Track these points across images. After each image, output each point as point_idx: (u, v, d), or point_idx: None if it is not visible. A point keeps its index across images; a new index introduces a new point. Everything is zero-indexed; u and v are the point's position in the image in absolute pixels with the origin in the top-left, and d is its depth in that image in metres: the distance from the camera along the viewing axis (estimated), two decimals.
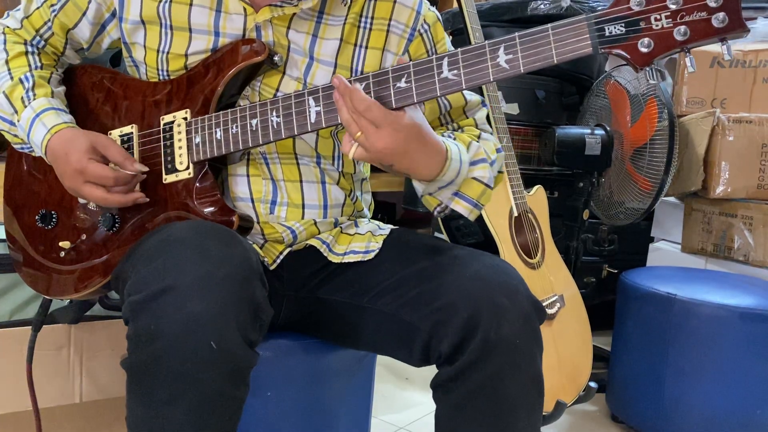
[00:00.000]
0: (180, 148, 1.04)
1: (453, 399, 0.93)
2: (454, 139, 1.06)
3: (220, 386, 0.83)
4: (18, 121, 1.07)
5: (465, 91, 1.15)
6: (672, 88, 2.20)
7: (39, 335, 1.28)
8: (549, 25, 0.84)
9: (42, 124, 1.05)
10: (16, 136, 1.12)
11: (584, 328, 1.78)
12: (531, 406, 0.93)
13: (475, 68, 0.88)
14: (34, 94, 1.07)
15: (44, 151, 1.05)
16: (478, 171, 1.04)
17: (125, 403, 0.86)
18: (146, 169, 1.04)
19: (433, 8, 1.14)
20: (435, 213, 1.07)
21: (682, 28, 0.79)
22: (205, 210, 1.01)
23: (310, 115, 0.96)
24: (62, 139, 1.03)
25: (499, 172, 1.14)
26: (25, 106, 1.06)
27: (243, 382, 0.86)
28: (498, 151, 1.12)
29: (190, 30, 1.06)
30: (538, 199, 1.76)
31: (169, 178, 1.04)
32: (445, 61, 0.89)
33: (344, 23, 1.08)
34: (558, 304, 1.65)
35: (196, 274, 0.83)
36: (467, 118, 1.17)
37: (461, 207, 1.04)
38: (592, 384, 1.71)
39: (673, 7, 0.79)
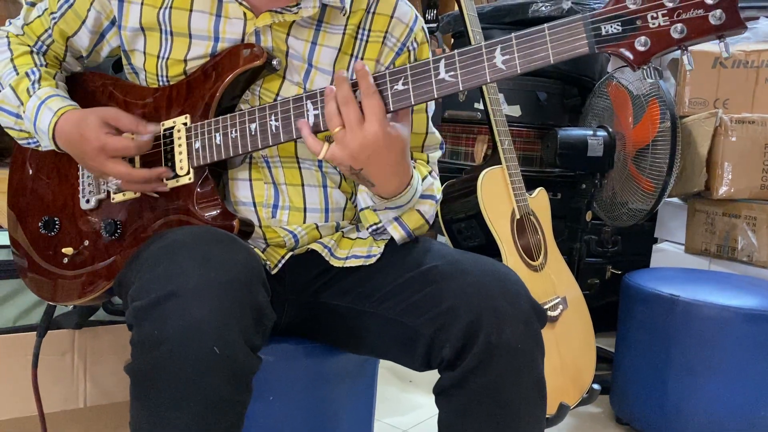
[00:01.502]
0: (180, 153, 1.04)
1: (455, 404, 0.93)
2: (414, 167, 1.07)
3: (223, 391, 0.83)
4: (24, 111, 1.08)
5: (430, 125, 1.19)
6: (674, 89, 2.19)
7: (43, 340, 1.29)
8: (545, 25, 0.84)
9: (48, 109, 1.06)
10: (21, 130, 1.12)
11: (587, 330, 1.78)
12: (533, 410, 0.93)
13: (471, 69, 0.88)
14: (39, 85, 1.08)
15: (52, 135, 1.06)
16: (425, 205, 1.09)
17: (129, 409, 0.86)
18: (160, 130, 1.04)
19: (425, 26, 1.16)
20: (369, 231, 1.10)
21: (679, 26, 0.79)
22: (206, 215, 1.01)
23: (308, 119, 0.96)
24: (71, 122, 1.04)
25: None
26: (30, 96, 1.07)
27: (246, 387, 0.87)
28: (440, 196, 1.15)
29: (190, 35, 1.06)
30: (540, 201, 1.76)
31: (169, 184, 1.04)
32: (442, 63, 0.89)
33: (343, 33, 1.09)
34: (561, 306, 1.65)
35: (198, 279, 0.83)
36: (422, 152, 1.19)
37: (396, 232, 1.08)
38: (596, 386, 1.71)
39: (670, 5, 0.79)
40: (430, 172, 1.15)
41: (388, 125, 0.92)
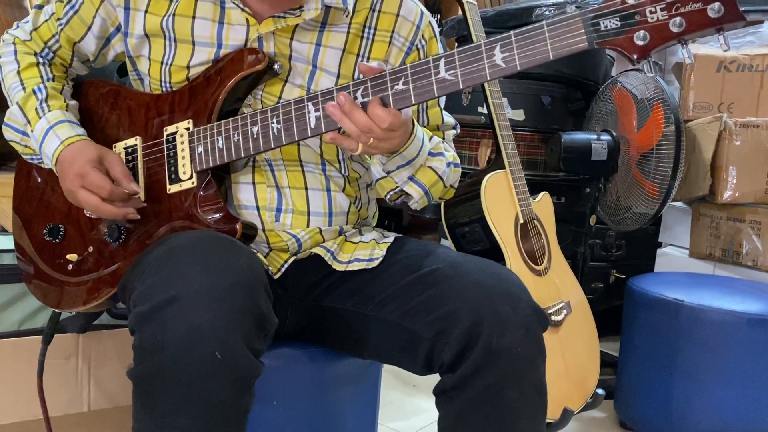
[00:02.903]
0: (183, 158, 1.04)
1: (455, 407, 0.93)
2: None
3: (225, 396, 0.83)
4: (31, 131, 1.09)
5: (445, 116, 1.21)
6: (678, 93, 2.19)
7: None
8: (544, 21, 0.85)
9: (56, 136, 1.06)
10: (27, 146, 1.13)
11: (591, 335, 1.77)
12: (534, 414, 0.93)
13: (471, 67, 0.88)
14: (49, 106, 1.09)
15: (54, 162, 1.06)
16: (435, 162, 1.11)
17: (132, 413, 0.87)
18: (140, 191, 1.05)
19: (432, 21, 1.16)
20: (387, 198, 1.14)
21: (678, 19, 0.79)
22: (209, 218, 1.02)
23: (309, 121, 0.97)
24: (72, 150, 1.05)
25: (452, 186, 1.19)
26: (40, 117, 1.08)
27: (248, 392, 0.87)
28: (456, 165, 1.17)
29: (194, 42, 1.07)
30: (544, 205, 1.75)
31: (172, 188, 1.05)
32: (441, 62, 0.89)
33: (347, 33, 1.09)
34: (565, 311, 1.64)
35: (201, 284, 0.83)
36: (438, 131, 1.22)
37: (414, 190, 1.10)
38: (600, 391, 1.70)
39: None
40: (442, 144, 1.18)
41: (406, 125, 0.97)
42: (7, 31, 1.18)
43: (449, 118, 1.23)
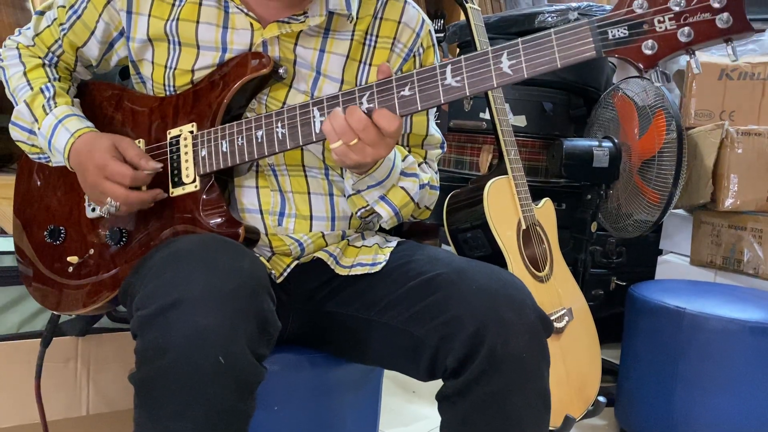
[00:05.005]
0: (186, 161, 1.04)
1: (458, 412, 0.92)
2: None
3: (227, 400, 0.83)
4: (39, 128, 1.08)
5: (431, 127, 1.19)
6: (680, 101, 2.19)
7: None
8: (552, 30, 0.84)
9: (65, 129, 1.06)
10: (33, 145, 1.13)
11: (593, 342, 1.77)
12: (537, 421, 0.93)
13: (478, 74, 0.88)
14: (55, 103, 1.09)
15: (67, 155, 1.06)
16: (407, 182, 1.10)
17: (133, 417, 0.86)
18: (160, 166, 1.03)
19: (432, 29, 1.17)
20: (358, 215, 1.13)
21: (686, 29, 0.79)
22: (212, 222, 1.01)
23: (314, 126, 0.96)
24: (85, 141, 1.05)
25: (427, 208, 1.18)
26: (47, 114, 1.08)
27: (250, 397, 0.86)
28: (432, 187, 1.16)
29: (198, 46, 1.07)
30: (546, 211, 1.75)
31: (175, 192, 1.04)
32: (448, 69, 0.89)
33: (351, 39, 1.09)
34: (566, 318, 1.64)
35: (203, 288, 0.83)
36: (421, 148, 1.20)
37: (384, 210, 1.09)
38: (601, 398, 1.69)
39: (677, 8, 0.79)
40: (420, 164, 1.17)
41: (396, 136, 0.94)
42: (9, 37, 1.18)
43: (436, 133, 1.21)
